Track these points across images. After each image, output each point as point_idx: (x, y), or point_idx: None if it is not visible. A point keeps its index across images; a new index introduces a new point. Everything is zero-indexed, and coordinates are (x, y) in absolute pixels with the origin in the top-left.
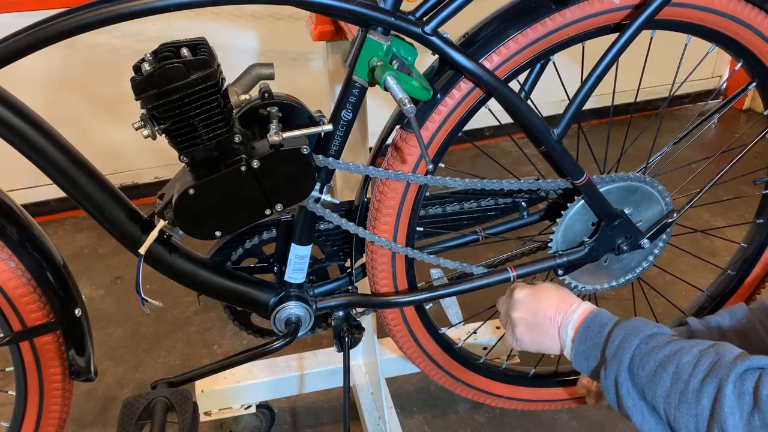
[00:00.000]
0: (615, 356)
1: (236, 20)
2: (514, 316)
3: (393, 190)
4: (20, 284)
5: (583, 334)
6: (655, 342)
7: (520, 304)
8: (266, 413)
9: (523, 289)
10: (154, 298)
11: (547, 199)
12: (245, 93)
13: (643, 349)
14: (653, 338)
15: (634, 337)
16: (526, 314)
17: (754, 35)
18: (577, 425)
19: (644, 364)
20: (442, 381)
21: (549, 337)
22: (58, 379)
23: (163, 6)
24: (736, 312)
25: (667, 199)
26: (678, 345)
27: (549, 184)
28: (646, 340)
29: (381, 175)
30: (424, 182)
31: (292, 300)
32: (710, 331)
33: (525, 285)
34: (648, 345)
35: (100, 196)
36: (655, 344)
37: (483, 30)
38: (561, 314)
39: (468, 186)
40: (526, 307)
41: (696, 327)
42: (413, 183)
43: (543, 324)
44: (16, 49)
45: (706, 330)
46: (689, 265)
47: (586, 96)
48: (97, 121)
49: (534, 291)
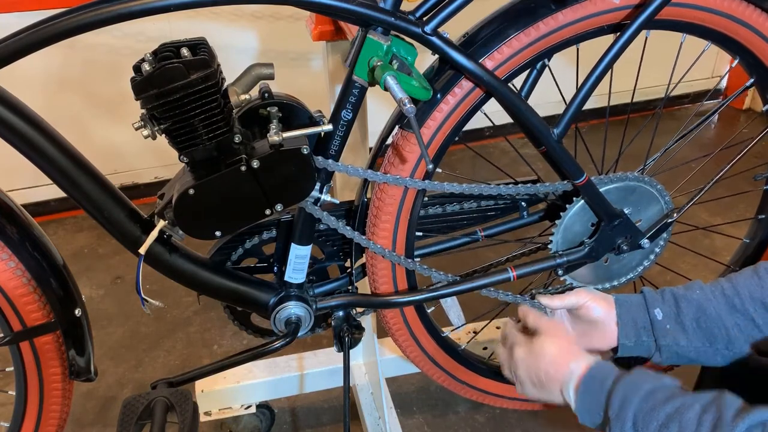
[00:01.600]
0: (618, 417)
1: (236, 20)
2: (519, 374)
3: (391, 196)
4: (20, 284)
5: (583, 395)
6: (655, 400)
7: (521, 363)
8: (266, 413)
9: (520, 347)
10: (154, 298)
11: (547, 199)
12: (245, 93)
13: (644, 408)
14: (653, 395)
15: (634, 396)
16: (530, 374)
17: (753, 35)
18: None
19: (647, 424)
20: (444, 382)
21: (555, 396)
22: (58, 379)
23: (163, 6)
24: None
25: (666, 198)
26: (679, 401)
27: (547, 188)
28: (646, 397)
29: (379, 179)
30: (422, 187)
31: (292, 300)
32: None
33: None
34: (648, 403)
35: (100, 196)
36: (656, 402)
37: (483, 30)
38: (560, 374)
39: (465, 191)
40: (527, 368)
41: None
42: (411, 188)
43: (547, 384)
44: (16, 49)
45: None
46: (690, 264)
47: (586, 96)
48: (97, 121)
49: (531, 350)
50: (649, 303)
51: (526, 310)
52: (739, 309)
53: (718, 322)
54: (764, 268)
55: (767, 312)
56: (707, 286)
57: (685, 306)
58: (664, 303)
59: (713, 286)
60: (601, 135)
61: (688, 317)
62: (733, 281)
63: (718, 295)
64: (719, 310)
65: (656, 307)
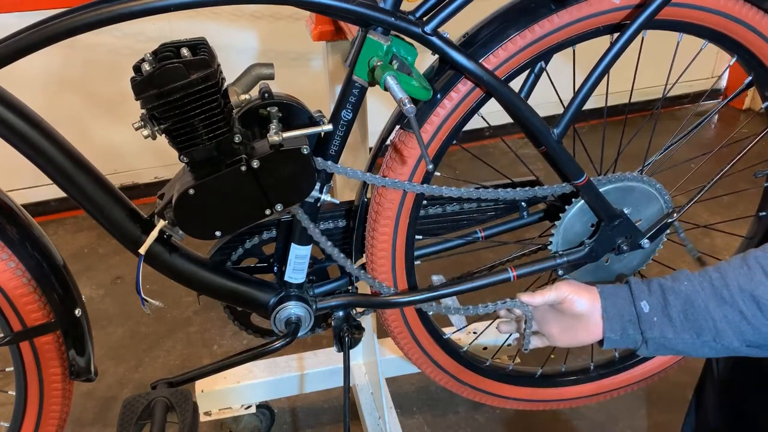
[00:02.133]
0: (651, 294)
1: (236, 20)
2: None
3: (390, 201)
4: (20, 284)
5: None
6: (671, 278)
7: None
8: (266, 413)
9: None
10: (154, 298)
11: (547, 200)
12: (245, 93)
13: (667, 284)
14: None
15: (654, 281)
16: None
17: (752, 33)
18: (577, 425)
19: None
20: (445, 382)
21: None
22: (58, 379)
23: (163, 6)
24: None
25: (666, 197)
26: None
27: (546, 191)
28: (663, 280)
29: (378, 182)
30: (420, 191)
31: (292, 300)
32: None
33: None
34: (668, 279)
35: (100, 196)
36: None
37: (483, 30)
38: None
39: (464, 195)
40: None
41: None
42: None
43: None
44: (16, 49)
45: None
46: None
47: (586, 96)
48: (97, 121)
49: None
50: (635, 295)
51: (528, 298)
52: (728, 301)
53: (705, 314)
54: (754, 258)
55: (756, 304)
56: (695, 276)
57: (672, 298)
58: (651, 295)
59: (701, 276)
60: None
61: (675, 309)
62: (722, 271)
63: (707, 287)
64: (707, 302)
65: (643, 299)
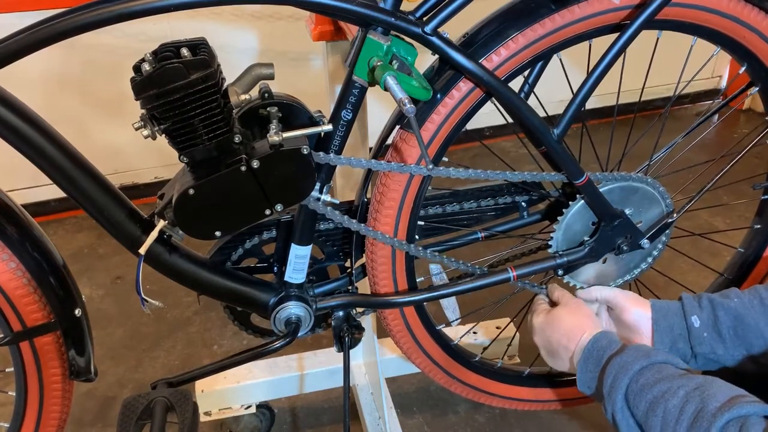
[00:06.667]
0: (609, 396)
1: (236, 20)
2: (536, 341)
3: (396, 182)
4: (20, 284)
5: (582, 366)
6: (644, 380)
7: (537, 331)
8: (266, 413)
9: (539, 315)
10: (154, 298)
11: (546, 200)
12: (245, 93)
13: (634, 388)
14: (643, 374)
15: (624, 377)
16: (544, 342)
17: (759, 39)
18: (577, 425)
19: (637, 404)
20: (441, 380)
21: (566, 365)
22: (58, 379)
23: (163, 6)
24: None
25: (667, 200)
26: (666, 385)
27: (552, 177)
28: (636, 377)
29: (384, 167)
30: (427, 173)
31: (292, 300)
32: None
33: (542, 308)
34: (638, 383)
35: (100, 196)
36: (645, 382)
37: (483, 30)
38: (573, 343)
39: (471, 176)
40: (543, 335)
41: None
42: (416, 175)
43: (559, 352)
44: (16, 49)
45: None
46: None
47: (586, 96)
48: (97, 121)
49: (548, 318)
50: (686, 310)
51: (553, 287)
52: None
53: (756, 331)
54: None
55: None
56: (745, 294)
57: (722, 314)
58: (702, 310)
59: (751, 293)
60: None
61: (725, 326)
62: None
63: (756, 304)
64: (757, 320)
65: (693, 314)
